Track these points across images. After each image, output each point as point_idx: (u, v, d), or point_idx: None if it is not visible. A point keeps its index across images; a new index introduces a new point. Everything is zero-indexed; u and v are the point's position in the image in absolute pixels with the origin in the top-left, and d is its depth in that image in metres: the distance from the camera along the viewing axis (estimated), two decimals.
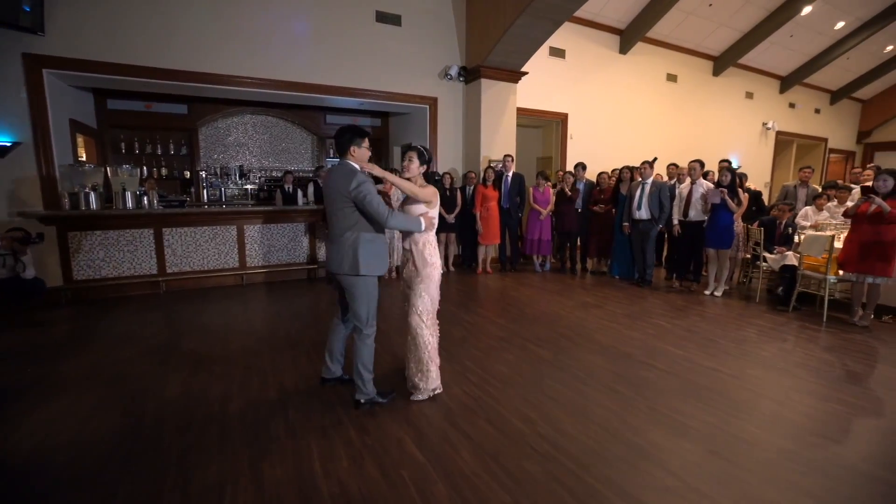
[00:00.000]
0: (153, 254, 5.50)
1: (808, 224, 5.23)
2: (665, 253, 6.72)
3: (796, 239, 4.98)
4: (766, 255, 5.00)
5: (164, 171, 7.71)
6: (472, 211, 6.75)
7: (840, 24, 9.82)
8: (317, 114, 8.36)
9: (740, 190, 5.36)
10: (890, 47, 11.07)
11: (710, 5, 8.45)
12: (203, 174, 7.85)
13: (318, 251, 6.46)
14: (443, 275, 6.32)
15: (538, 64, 7.48)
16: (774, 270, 4.99)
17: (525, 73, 7.17)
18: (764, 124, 11.41)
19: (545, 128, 9.04)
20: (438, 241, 6.89)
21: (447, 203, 6.71)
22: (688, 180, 5.50)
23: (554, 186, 7.01)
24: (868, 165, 7.18)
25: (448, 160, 7.42)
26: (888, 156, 13.14)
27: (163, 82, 5.47)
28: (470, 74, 7.05)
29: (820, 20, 9.45)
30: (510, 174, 6.79)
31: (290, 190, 7.19)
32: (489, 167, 6.70)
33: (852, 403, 2.79)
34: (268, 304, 5.18)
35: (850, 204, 5.57)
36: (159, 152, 7.64)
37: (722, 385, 3.02)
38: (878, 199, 3.99)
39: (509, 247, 7.10)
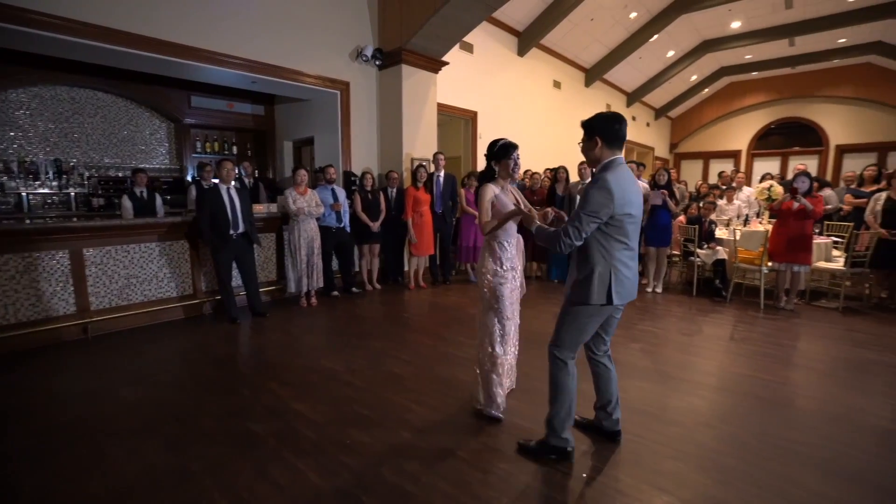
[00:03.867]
0: None
1: (726, 217, 5.83)
2: None
3: (717, 234, 5.47)
4: (699, 251, 5.37)
5: None
6: (403, 217, 5.85)
7: (671, 53, 11.70)
8: (178, 93, 6.33)
9: (676, 189, 5.69)
10: (694, 77, 13.72)
11: (592, 20, 9.09)
12: None
13: (202, 279, 4.74)
14: (370, 294, 5.36)
15: (448, 56, 6.92)
16: (707, 265, 5.38)
17: (446, 63, 6.55)
18: None
19: (450, 124, 8.56)
20: (361, 253, 5.85)
21: (370, 209, 5.69)
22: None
23: None
24: (733, 171, 8.56)
25: (363, 158, 6.33)
26: (691, 164, 16.38)
27: None
28: (387, 58, 6.10)
29: (660, 47, 11.09)
30: (442, 175, 6.08)
31: (144, 195, 5.23)
32: (420, 166, 5.88)
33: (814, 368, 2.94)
34: (140, 368, 3.49)
35: (737, 203, 6.40)
36: None
37: (721, 381, 2.91)
38: (803, 199, 4.52)
39: (440, 256, 6.40)
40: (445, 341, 3.99)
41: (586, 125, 2.13)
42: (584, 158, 2.29)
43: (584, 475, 2.10)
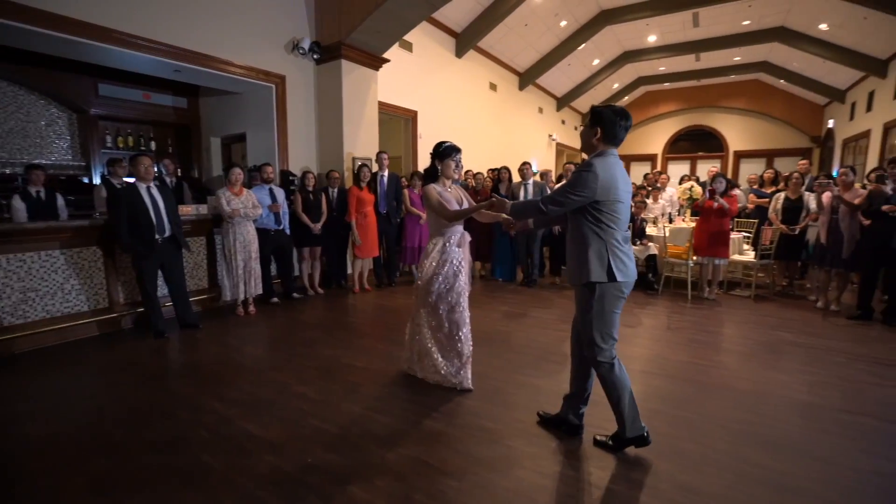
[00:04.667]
0: None
1: (652, 215, 6.27)
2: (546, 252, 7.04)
3: (647, 230, 5.88)
4: (633, 247, 5.72)
5: None
6: (346, 218, 5.63)
7: (596, 61, 12.44)
8: (82, 80, 5.56)
9: None
10: (616, 85, 14.72)
11: (526, 25, 9.39)
12: None
13: (119, 290, 4.21)
14: (312, 299, 5.17)
15: (388, 53, 6.79)
16: (640, 260, 5.75)
17: (387, 61, 6.40)
18: (550, 136, 13.58)
19: (390, 123, 8.40)
20: (301, 257, 5.57)
21: (311, 210, 5.41)
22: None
23: None
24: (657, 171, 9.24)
25: (301, 156, 6.00)
26: None
27: None
28: (326, 52, 5.83)
29: (587, 55, 11.74)
30: (386, 174, 5.94)
31: (42, 195, 4.56)
32: (364, 165, 5.69)
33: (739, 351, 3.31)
34: (50, 397, 3.03)
35: (661, 202, 6.92)
36: None
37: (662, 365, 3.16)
38: (721, 199, 4.98)
39: (384, 258, 6.25)
40: (399, 345, 3.84)
41: (595, 112, 2.17)
42: (524, 160, 2.47)
43: (555, 471, 2.12)
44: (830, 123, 12.93)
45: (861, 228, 4.41)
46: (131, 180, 3.90)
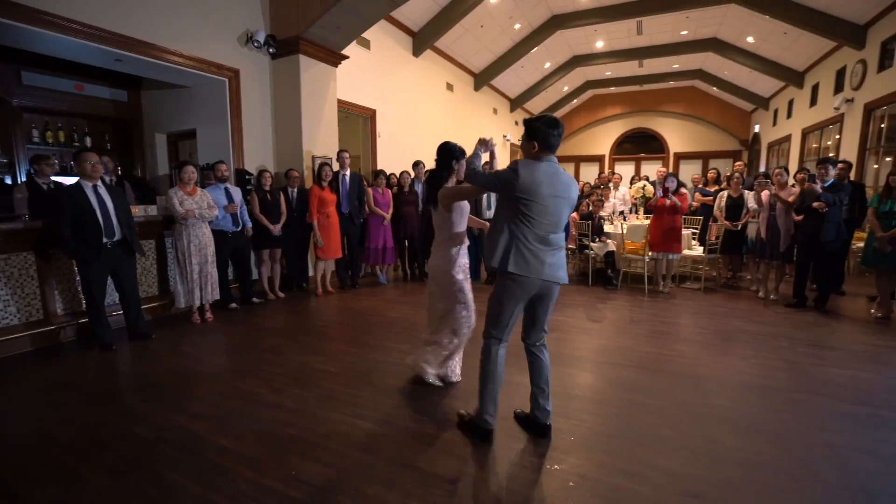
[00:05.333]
0: None
1: (605, 213, 6.53)
2: None
3: (606, 228, 6.13)
4: (592, 244, 5.94)
5: None
6: (307, 219, 5.43)
7: (548, 64, 12.82)
8: (1, 67, 4.97)
9: None
10: (566, 88, 15.25)
11: (482, 27, 9.50)
12: None
13: (57, 299, 3.81)
14: (273, 304, 4.99)
15: (346, 50, 6.63)
16: (599, 257, 5.98)
17: (346, 57, 6.24)
18: (504, 136, 13.82)
19: (347, 122, 8.20)
20: (260, 260, 5.34)
21: (269, 210, 5.19)
22: None
23: (391, 187, 6.42)
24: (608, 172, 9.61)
25: (257, 154, 5.72)
26: (564, 167, 18.16)
27: None
28: (282, 47, 5.59)
29: (539, 58, 12.07)
30: (348, 174, 5.78)
31: None
32: (325, 164, 5.51)
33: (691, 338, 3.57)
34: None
35: (613, 200, 7.23)
36: None
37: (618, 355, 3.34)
38: (674, 198, 5.28)
39: (347, 259, 6.08)
40: (371, 348, 3.80)
41: (529, 127, 2.24)
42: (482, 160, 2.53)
43: (548, 467, 2.15)
44: (756, 128, 14.11)
45: (795, 224, 4.83)
46: (61, 179, 3.53)
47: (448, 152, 2.86)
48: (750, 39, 10.30)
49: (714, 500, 1.90)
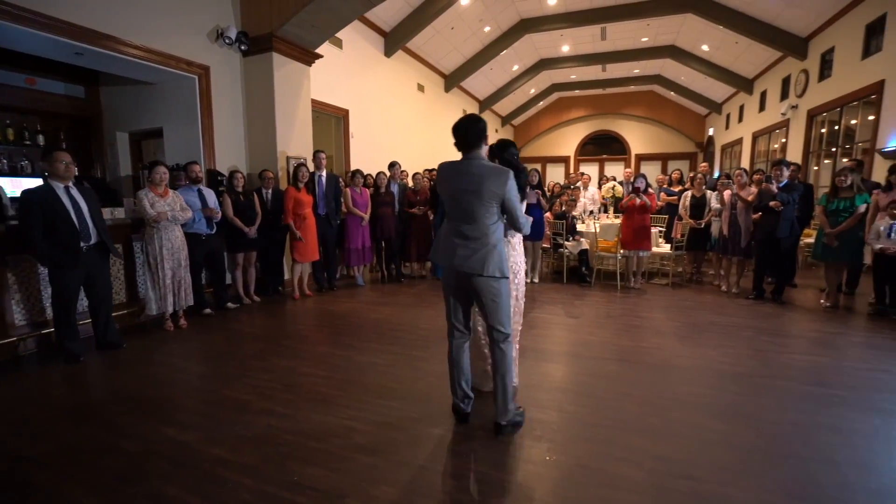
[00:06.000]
0: None
1: (576, 213, 6.74)
2: None
3: (579, 227, 6.33)
4: (566, 243, 6.12)
5: None
6: (283, 221, 5.31)
7: (516, 67, 13.07)
8: None
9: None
10: (533, 90, 15.58)
11: (452, 28, 9.58)
12: None
13: (14, 309, 3.55)
14: (249, 308, 4.84)
15: (319, 49, 6.53)
16: (573, 255, 6.17)
17: (320, 56, 6.15)
18: None
19: (320, 121, 8.06)
20: (235, 263, 5.19)
21: (243, 212, 5.04)
22: None
23: (367, 187, 6.36)
24: (575, 172, 9.86)
25: (228, 155, 5.54)
26: (533, 166, 18.59)
27: None
28: (255, 44, 5.44)
29: (507, 61, 12.28)
30: (324, 174, 5.70)
31: None
32: (301, 165, 5.40)
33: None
34: None
35: (583, 200, 7.46)
36: None
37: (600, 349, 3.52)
38: (644, 196, 5.53)
39: (325, 261, 5.99)
40: (358, 350, 3.77)
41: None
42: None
43: (548, 458, 2.22)
44: (711, 131, 14.92)
45: (753, 222, 5.17)
46: (8, 181, 3.31)
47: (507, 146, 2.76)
48: (705, 47, 10.89)
49: (704, 480, 2.03)
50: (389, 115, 9.10)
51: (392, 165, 6.54)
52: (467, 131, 2.27)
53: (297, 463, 2.20)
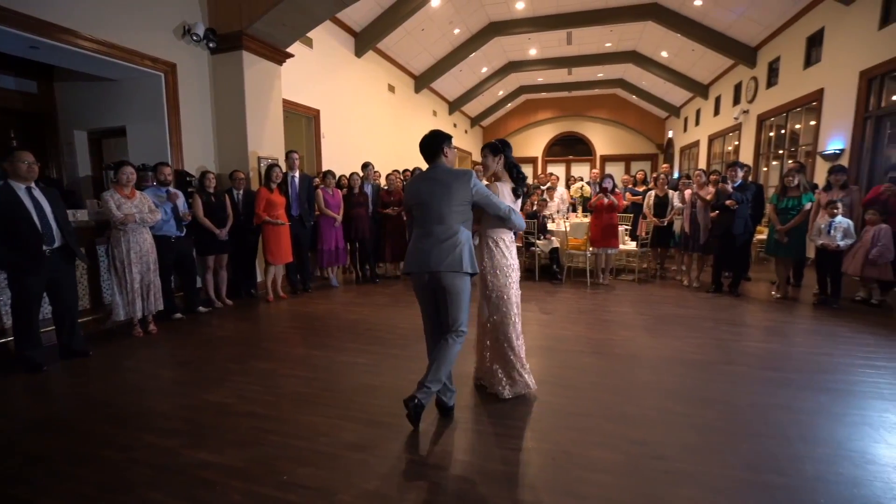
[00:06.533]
0: None
1: (548, 213, 6.95)
2: None
3: (549, 226, 6.52)
4: (538, 242, 6.30)
5: None
6: (255, 222, 5.22)
7: (484, 69, 13.25)
8: None
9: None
10: (501, 92, 15.83)
11: (423, 30, 9.63)
12: None
13: None
14: (221, 312, 4.77)
15: (289, 48, 6.45)
16: (544, 253, 6.36)
17: (291, 55, 6.07)
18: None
19: (290, 121, 7.93)
20: (205, 265, 5.08)
21: (213, 214, 4.94)
22: None
23: (341, 188, 6.33)
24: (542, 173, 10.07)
25: (196, 155, 5.39)
26: None
27: None
28: (223, 42, 5.32)
29: (477, 63, 12.44)
30: (297, 175, 5.64)
31: None
32: (274, 165, 5.32)
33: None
34: None
35: (556, 199, 7.69)
36: None
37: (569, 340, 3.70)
38: (612, 196, 5.77)
39: (298, 263, 5.92)
40: (338, 351, 3.78)
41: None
42: (420, 161, 2.76)
43: (531, 446, 2.33)
44: (670, 134, 15.61)
45: (711, 219, 5.49)
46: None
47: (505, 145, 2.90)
48: (664, 54, 11.41)
49: (674, 459, 2.18)
50: (360, 116, 9.06)
51: (365, 166, 6.54)
52: (429, 144, 2.55)
53: (286, 463, 2.21)
